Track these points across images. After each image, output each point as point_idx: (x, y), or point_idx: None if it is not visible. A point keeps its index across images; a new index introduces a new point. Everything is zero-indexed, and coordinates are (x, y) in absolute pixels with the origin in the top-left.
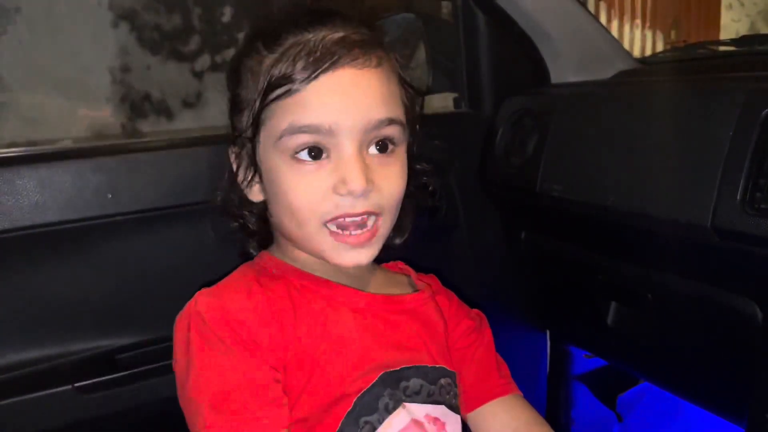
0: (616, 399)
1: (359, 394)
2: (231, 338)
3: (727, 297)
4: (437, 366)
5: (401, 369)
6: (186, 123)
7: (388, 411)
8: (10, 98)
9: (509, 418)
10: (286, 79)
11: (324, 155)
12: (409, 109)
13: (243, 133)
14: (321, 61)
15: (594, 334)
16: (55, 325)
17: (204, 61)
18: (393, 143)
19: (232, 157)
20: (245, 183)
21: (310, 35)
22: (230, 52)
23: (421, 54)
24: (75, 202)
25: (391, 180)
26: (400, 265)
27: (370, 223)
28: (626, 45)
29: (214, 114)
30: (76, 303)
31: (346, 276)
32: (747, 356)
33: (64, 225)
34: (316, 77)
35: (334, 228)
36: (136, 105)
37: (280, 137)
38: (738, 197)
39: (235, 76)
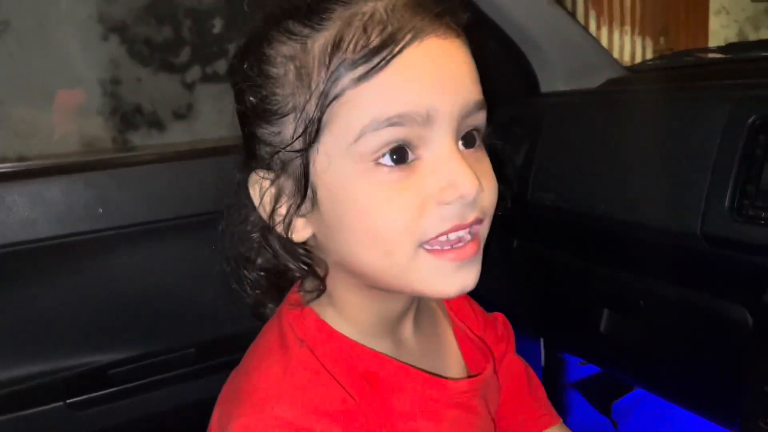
0: (611, 406)
1: None
2: None
3: (717, 303)
4: None
5: None
6: (177, 135)
7: None
8: (0, 112)
9: None
10: (359, 60)
11: (411, 157)
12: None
13: (287, 146)
14: (401, 32)
15: (588, 341)
16: (46, 341)
17: (195, 72)
18: (479, 135)
19: (256, 188)
20: (288, 219)
21: (370, 2)
22: (222, 64)
23: None
24: (66, 217)
25: (490, 179)
26: None
27: (470, 232)
28: (615, 52)
29: (206, 126)
30: (68, 318)
31: (405, 341)
32: (738, 362)
33: (55, 240)
34: (400, 51)
35: (433, 246)
36: (127, 117)
37: (359, 137)
38: (726, 204)
39: (259, 73)
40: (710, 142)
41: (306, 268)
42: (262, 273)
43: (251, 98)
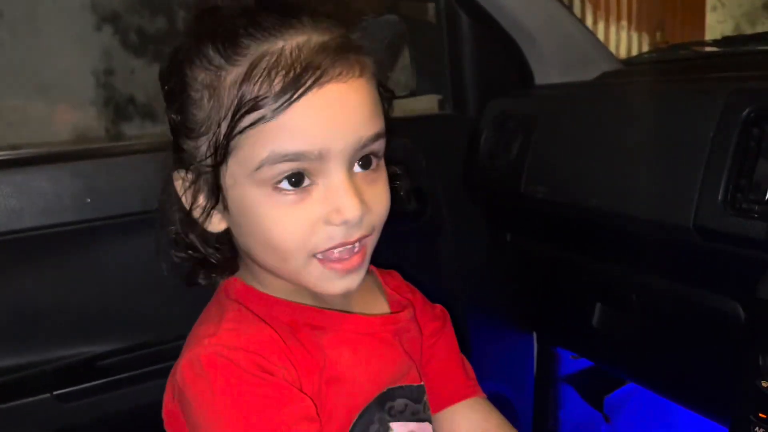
0: (603, 400)
1: (351, 424)
2: (269, 377)
3: (710, 297)
4: (421, 384)
5: (388, 390)
6: None
7: None
8: None
9: (478, 421)
10: (262, 102)
11: (307, 182)
12: (386, 114)
13: (201, 161)
14: (302, 78)
15: (580, 336)
16: (33, 332)
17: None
18: (377, 157)
19: (179, 183)
20: (204, 214)
21: (280, 43)
22: None
23: (405, 56)
24: (53, 207)
25: (379, 198)
26: None
27: (358, 244)
28: (612, 46)
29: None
30: (55, 309)
31: (329, 300)
32: (730, 356)
33: (42, 230)
34: (299, 97)
35: (321, 257)
36: (121, 108)
37: (258, 168)
38: (719, 197)
39: (181, 93)
40: (704, 135)
41: (218, 255)
42: (190, 252)
43: (173, 115)
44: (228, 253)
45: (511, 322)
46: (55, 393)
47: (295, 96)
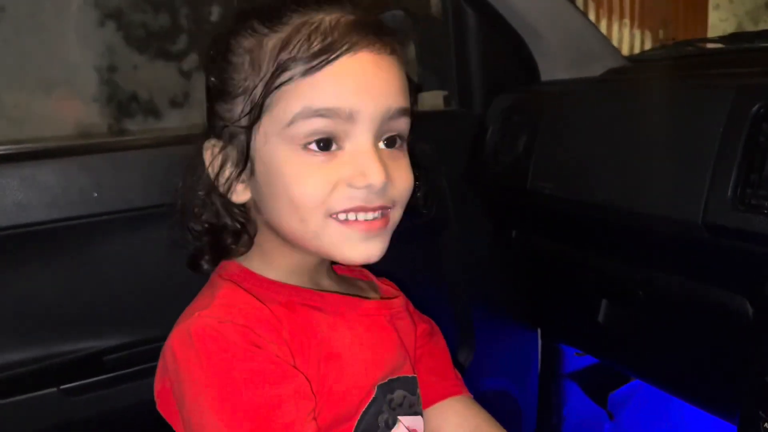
0: (607, 397)
1: (361, 414)
2: (259, 350)
3: (717, 294)
4: (415, 376)
5: (389, 381)
6: (174, 123)
7: (389, 427)
8: None
9: (464, 418)
10: (300, 60)
11: (334, 146)
12: (411, 110)
13: (235, 122)
14: (339, 43)
15: (585, 332)
16: (40, 327)
17: (192, 60)
18: (401, 138)
19: (209, 153)
20: (228, 182)
21: (321, 15)
22: None
23: (411, 52)
24: (60, 201)
25: (403, 175)
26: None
27: (380, 213)
28: (615, 44)
29: (203, 114)
30: (62, 304)
31: (328, 285)
32: (738, 352)
33: (49, 224)
34: (335, 59)
35: (342, 218)
36: (123, 105)
37: (291, 123)
38: (729, 193)
39: (223, 59)
40: (713, 130)
41: (239, 225)
42: (206, 225)
43: (213, 78)
44: (246, 227)
45: (516, 318)
46: (61, 387)
47: (331, 57)
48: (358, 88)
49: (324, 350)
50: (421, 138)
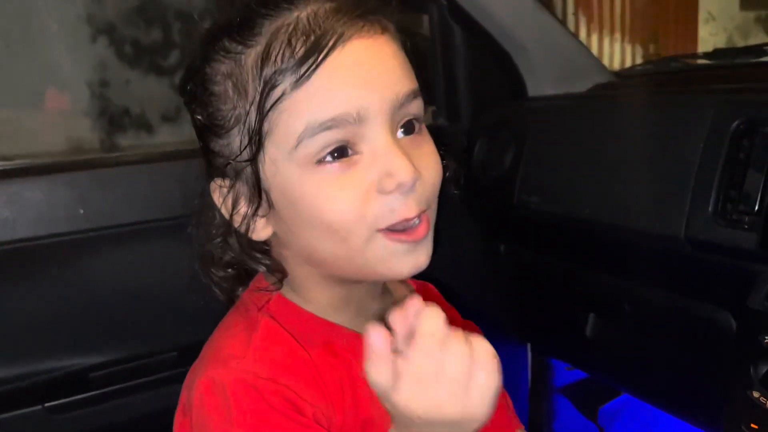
0: (597, 411)
1: None
2: (295, 415)
3: (701, 307)
4: None
5: None
6: (165, 137)
7: None
8: None
9: None
10: (287, 70)
11: (351, 152)
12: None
13: (236, 157)
14: (324, 38)
15: (574, 346)
16: (25, 344)
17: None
18: (418, 121)
19: (217, 195)
20: (246, 222)
21: (295, 13)
22: None
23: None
24: (46, 217)
25: (430, 163)
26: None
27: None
28: (605, 59)
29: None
30: (48, 321)
31: (366, 316)
32: (722, 366)
33: (35, 241)
34: (325, 58)
35: (385, 230)
36: (115, 119)
37: (298, 144)
38: (710, 208)
39: (203, 91)
40: (694, 146)
41: (265, 268)
42: (229, 270)
43: (198, 116)
44: (272, 267)
45: (506, 332)
46: (46, 405)
47: (320, 58)
48: (358, 84)
49: (360, 413)
50: None
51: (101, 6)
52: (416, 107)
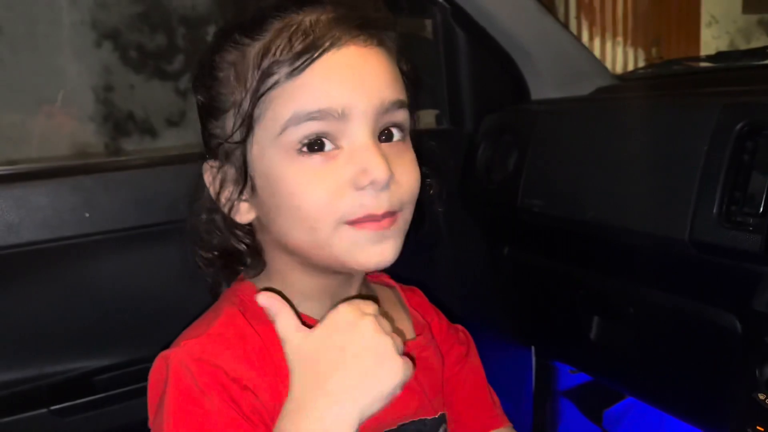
0: (602, 414)
1: None
2: (219, 396)
3: (706, 310)
4: (436, 417)
5: (399, 426)
6: (170, 142)
7: None
8: None
9: None
10: (284, 62)
11: (331, 146)
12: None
13: (228, 138)
14: (321, 39)
15: (578, 349)
16: (31, 347)
17: (188, 80)
18: (401, 130)
19: (208, 175)
20: (230, 202)
21: (301, 16)
22: None
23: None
24: (51, 221)
25: (408, 171)
26: (384, 277)
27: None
28: (608, 62)
29: (198, 134)
30: (53, 324)
31: None
32: (727, 369)
33: (41, 245)
34: (319, 56)
35: (351, 222)
36: (120, 124)
37: (283, 130)
38: (714, 211)
39: (209, 76)
40: (698, 149)
41: (246, 247)
42: (216, 252)
43: (201, 97)
44: (252, 248)
45: (510, 336)
46: (51, 408)
47: (315, 55)
48: (347, 83)
49: None
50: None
51: (106, 11)
52: (401, 116)
